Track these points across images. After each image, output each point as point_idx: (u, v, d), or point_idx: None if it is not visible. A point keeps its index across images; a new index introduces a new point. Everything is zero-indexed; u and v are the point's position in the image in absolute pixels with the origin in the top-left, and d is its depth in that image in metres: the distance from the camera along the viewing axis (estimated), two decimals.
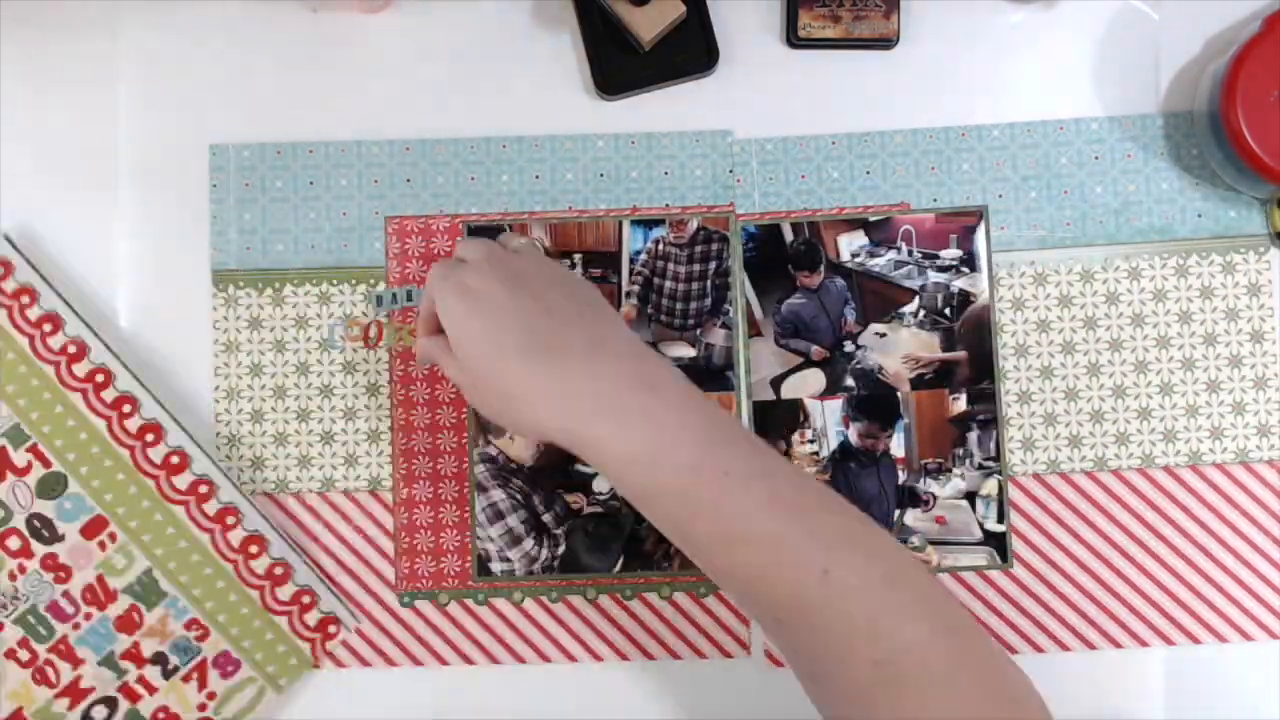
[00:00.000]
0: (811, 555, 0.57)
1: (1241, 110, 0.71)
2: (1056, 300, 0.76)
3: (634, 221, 0.77)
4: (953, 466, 0.75)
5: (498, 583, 0.75)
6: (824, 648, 0.58)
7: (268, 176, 0.77)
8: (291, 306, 0.76)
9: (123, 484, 0.73)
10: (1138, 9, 0.77)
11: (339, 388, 0.76)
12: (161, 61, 0.78)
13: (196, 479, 0.74)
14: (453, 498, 0.76)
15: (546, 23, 0.78)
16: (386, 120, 0.77)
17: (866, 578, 0.58)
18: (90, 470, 0.73)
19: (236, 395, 0.76)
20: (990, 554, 0.75)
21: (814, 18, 0.77)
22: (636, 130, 0.77)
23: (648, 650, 0.75)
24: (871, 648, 0.57)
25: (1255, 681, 0.74)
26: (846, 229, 0.77)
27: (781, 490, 0.59)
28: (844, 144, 0.77)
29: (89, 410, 0.73)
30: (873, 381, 0.76)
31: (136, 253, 0.77)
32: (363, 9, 0.78)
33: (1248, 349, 0.75)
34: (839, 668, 0.58)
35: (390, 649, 0.75)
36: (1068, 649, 0.74)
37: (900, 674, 0.56)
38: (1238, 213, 0.76)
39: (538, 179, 0.77)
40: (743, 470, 0.59)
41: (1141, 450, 0.75)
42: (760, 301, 0.77)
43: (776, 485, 0.60)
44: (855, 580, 0.57)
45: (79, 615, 0.73)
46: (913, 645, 0.57)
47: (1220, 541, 0.74)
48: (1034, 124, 0.77)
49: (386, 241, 0.77)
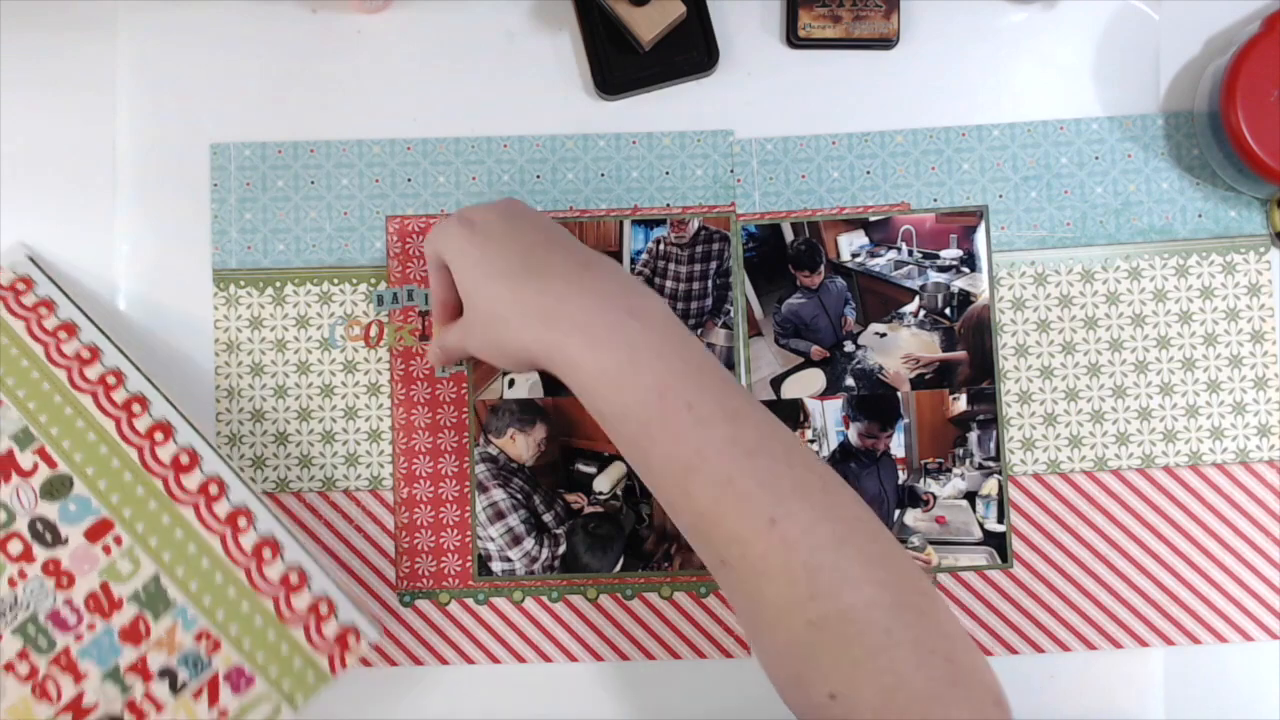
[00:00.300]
0: (761, 501, 0.57)
1: (1241, 110, 0.71)
2: (1057, 300, 0.76)
3: (635, 221, 0.77)
4: (953, 466, 0.75)
5: (498, 582, 0.75)
6: (763, 599, 0.57)
7: (269, 176, 0.77)
8: (292, 306, 0.76)
9: (130, 484, 0.70)
10: (1138, 9, 0.77)
11: (340, 387, 0.76)
12: (161, 62, 0.78)
13: (207, 479, 0.70)
14: (453, 497, 0.76)
15: (546, 23, 0.78)
16: (387, 120, 0.78)
17: (814, 533, 0.57)
18: (97, 470, 0.70)
19: (237, 395, 0.76)
20: (990, 554, 0.75)
21: (814, 18, 0.77)
22: (637, 130, 0.78)
23: (648, 650, 0.75)
24: (808, 606, 0.56)
25: (1255, 681, 0.74)
26: (847, 229, 0.77)
27: (744, 433, 0.59)
28: (844, 144, 0.77)
29: (98, 410, 0.71)
30: (873, 381, 0.76)
31: (137, 252, 0.77)
32: (362, 9, 0.78)
33: (1248, 349, 0.75)
34: (775, 622, 0.57)
35: (391, 649, 0.75)
36: (1068, 649, 0.74)
37: (834, 639, 0.55)
38: (1238, 213, 0.76)
39: (539, 179, 0.77)
40: (709, 406, 0.59)
41: (1142, 450, 0.75)
42: (760, 301, 0.77)
43: (740, 428, 0.59)
44: (800, 534, 0.56)
45: (82, 625, 0.69)
46: (850, 610, 0.55)
47: (1220, 542, 0.75)
48: (1034, 124, 0.77)
49: (388, 241, 0.77)
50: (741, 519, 0.57)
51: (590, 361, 0.60)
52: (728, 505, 0.57)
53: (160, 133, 0.77)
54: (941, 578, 0.75)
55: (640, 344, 0.60)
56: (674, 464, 0.59)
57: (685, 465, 0.58)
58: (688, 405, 0.59)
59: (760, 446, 0.59)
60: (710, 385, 0.60)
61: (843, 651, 0.55)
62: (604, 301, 0.61)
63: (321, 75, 0.78)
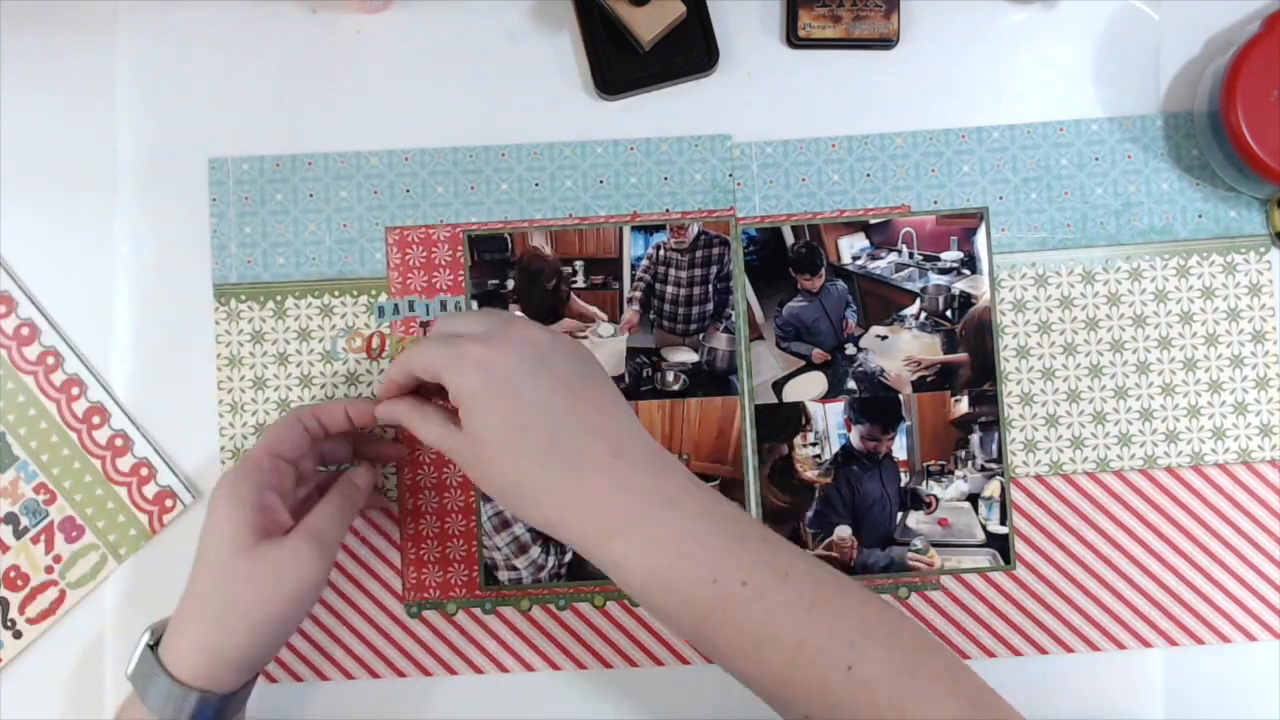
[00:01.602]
0: (835, 653, 0.58)
1: (1241, 110, 0.71)
2: (1057, 301, 0.76)
3: (634, 227, 0.77)
4: (955, 468, 0.76)
5: (505, 591, 0.76)
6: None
7: (267, 189, 0.77)
8: (293, 319, 0.76)
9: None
10: (1138, 9, 0.77)
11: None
12: (161, 62, 0.77)
13: (44, 351, 0.76)
14: (458, 507, 0.76)
15: (546, 23, 0.78)
16: (386, 129, 0.77)
17: (889, 667, 0.58)
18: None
19: (240, 409, 0.76)
20: (993, 556, 0.75)
21: (814, 18, 0.77)
22: (637, 131, 0.77)
23: (656, 656, 0.76)
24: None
25: (1258, 682, 0.75)
26: (847, 232, 0.77)
27: (800, 590, 0.59)
28: (844, 147, 0.77)
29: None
30: (874, 384, 0.76)
31: (137, 268, 0.76)
32: (362, 9, 0.77)
33: (1249, 349, 0.76)
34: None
35: (399, 660, 0.75)
36: (1071, 650, 0.75)
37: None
38: (1238, 213, 0.76)
39: (537, 187, 0.77)
40: (761, 575, 0.59)
41: (1143, 451, 0.75)
42: (761, 305, 0.77)
43: (795, 586, 0.59)
44: (879, 670, 0.57)
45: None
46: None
47: (1223, 542, 0.75)
48: (1034, 125, 0.77)
49: (387, 252, 0.77)
50: (821, 674, 0.58)
51: (638, 562, 0.60)
52: (804, 666, 0.58)
53: (159, 147, 0.77)
54: (944, 580, 0.75)
55: (683, 534, 0.60)
56: (742, 640, 0.59)
57: (754, 639, 0.59)
58: (742, 584, 0.59)
59: (817, 597, 0.59)
60: (755, 551, 0.60)
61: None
62: (643, 496, 0.61)
63: (322, 76, 0.78)
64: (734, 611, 0.59)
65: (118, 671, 0.75)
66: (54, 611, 0.75)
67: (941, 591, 0.75)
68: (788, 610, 0.59)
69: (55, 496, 0.75)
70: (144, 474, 0.76)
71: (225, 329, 0.76)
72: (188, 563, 0.65)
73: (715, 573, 0.59)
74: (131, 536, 0.76)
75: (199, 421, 0.76)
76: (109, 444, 0.75)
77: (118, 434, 0.75)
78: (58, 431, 0.75)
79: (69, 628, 0.76)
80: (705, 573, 0.59)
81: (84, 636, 0.76)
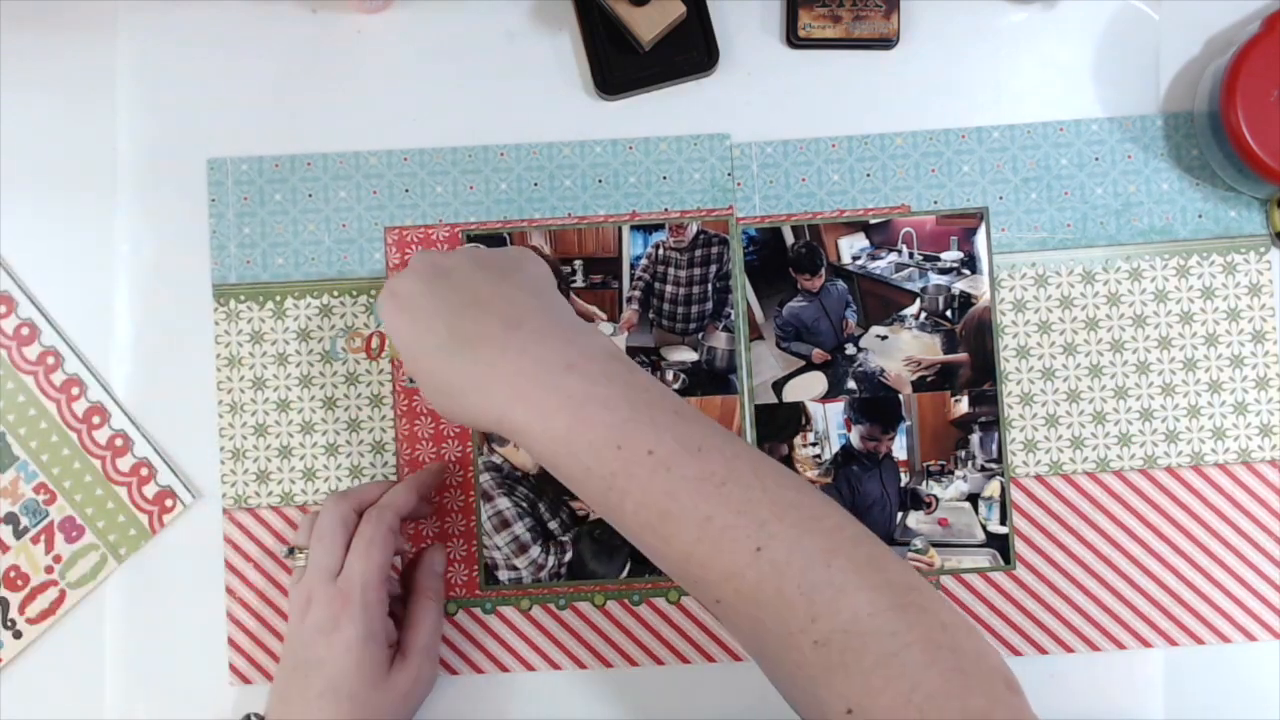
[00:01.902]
0: (743, 532, 0.56)
1: (1241, 110, 0.71)
2: (1057, 302, 0.76)
3: (634, 227, 0.77)
4: (955, 468, 0.76)
5: (505, 591, 0.76)
6: (764, 629, 0.56)
7: (266, 190, 0.77)
8: (293, 319, 0.76)
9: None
10: (1138, 9, 0.77)
11: (342, 400, 0.76)
12: (161, 62, 0.78)
13: (45, 350, 0.76)
14: (458, 507, 0.76)
15: (546, 23, 0.78)
16: (385, 129, 0.77)
17: (801, 552, 0.56)
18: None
19: (240, 409, 0.76)
20: (993, 556, 0.75)
21: (814, 18, 0.77)
22: (637, 131, 0.77)
23: (657, 655, 0.76)
24: (810, 628, 0.54)
25: (1258, 681, 0.75)
26: (847, 231, 0.77)
27: (711, 466, 0.58)
28: (844, 146, 0.77)
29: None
30: (874, 384, 0.76)
31: (137, 268, 0.77)
32: (362, 9, 0.77)
33: (1249, 349, 0.76)
34: (781, 649, 0.56)
35: None
36: (1071, 650, 0.75)
37: (842, 654, 0.54)
38: (1238, 213, 0.76)
39: (536, 186, 0.77)
40: (669, 446, 0.58)
41: (1143, 451, 0.75)
42: (761, 305, 0.77)
43: (706, 461, 0.58)
44: (788, 555, 0.55)
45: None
46: (852, 623, 0.54)
47: (1223, 542, 0.75)
48: (1034, 125, 0.77)
49: (387, 252, 0.77)
50: (727, 554, 0.56)
51: (538, 428, 0.59)
52: (711, 543, 0.57)
53: (158, 147, 0.77)
54: (944, 580, 0.75)
55: (584, 398, 0.59)
56: (648, 513, 0.58)
57: (660, 512, 0.58)
58: (648, 452, 0.58)
59: (730, 475, 0.58)
60: (665, 423, 0.59)
61: (853, 665, 0.54)
62: (538, 362, 0.60)
63: (322, 76, 0.78)
64: (638, 481, 0.58)
65: (118, 671, 0.75)
66: (54, 611, 0.75)
67: (941, 591, 0.75)
68: (695, 484, 0.57)
69: (55, 496, 0.76)
70: (144, 474, 0.76)
71: (225, 329, 0.76)
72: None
73: (619, 439, 0.58)
74: (131, 536, 0.76)
75: (199, 421, 0.76)
76: (109, 444, 0.76)
77: (118, 434, 0.76)
78: (58, 431, 0.76)
79: (69, 628, 0.76)
80: (607, 436, 0.58)
81: (84, 636, 0.76)
